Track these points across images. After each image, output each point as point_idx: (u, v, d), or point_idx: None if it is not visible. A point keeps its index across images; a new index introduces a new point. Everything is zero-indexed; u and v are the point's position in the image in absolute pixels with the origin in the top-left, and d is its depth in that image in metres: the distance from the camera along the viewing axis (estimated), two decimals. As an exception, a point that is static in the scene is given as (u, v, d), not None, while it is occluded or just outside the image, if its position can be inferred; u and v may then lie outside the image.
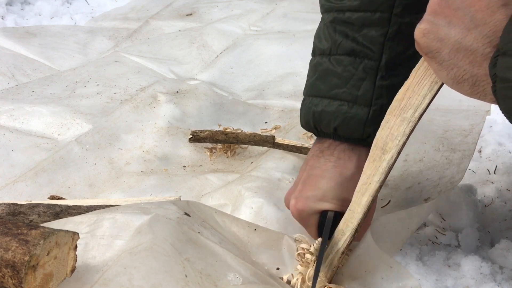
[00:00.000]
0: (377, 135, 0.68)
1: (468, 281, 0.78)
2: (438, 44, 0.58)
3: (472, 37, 0.54)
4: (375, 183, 0.68)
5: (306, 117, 0.80)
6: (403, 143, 0.66)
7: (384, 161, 0.67)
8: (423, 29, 0.59)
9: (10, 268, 0.55)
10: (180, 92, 1.27)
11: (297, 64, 1.44)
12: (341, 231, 0.70)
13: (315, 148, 0.79)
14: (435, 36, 0.58)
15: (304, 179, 0.77)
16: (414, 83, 0.65)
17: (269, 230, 0.77)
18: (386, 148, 0.67)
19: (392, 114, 0.67)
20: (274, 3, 1.78)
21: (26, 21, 1.83)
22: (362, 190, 0.68)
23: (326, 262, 0.70)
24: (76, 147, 1.06)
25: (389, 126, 0.67)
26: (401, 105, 0.66)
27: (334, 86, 0.76)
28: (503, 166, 1.07)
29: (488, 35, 0.53)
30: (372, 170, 0.68)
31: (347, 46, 0.75)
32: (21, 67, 1.40)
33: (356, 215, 0.69)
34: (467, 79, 0.56)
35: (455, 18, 0.56)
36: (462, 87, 0.58)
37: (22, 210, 0.77)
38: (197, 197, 0.94)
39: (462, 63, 0.56)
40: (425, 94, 0.65)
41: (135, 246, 0.62)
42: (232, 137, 1.07)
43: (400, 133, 0.66)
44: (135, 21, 1.76)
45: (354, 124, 0.75)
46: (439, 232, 0.90)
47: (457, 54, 0.56)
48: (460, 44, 0.55)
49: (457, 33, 0.56)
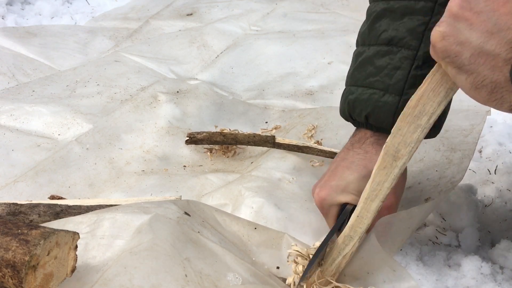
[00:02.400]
0: (388, 142, 0.67)
1: (468, 281, 0.78)
2: (457, 48, 0.56)
3: (495, 41, 0.53)
4: (385, 189, 0.68)
5: (342, 106, 0.82)
6: (415, 149, 0.66)
7: (396, 167, 0.67)
8: (442, 32, 0.57)
9: (10, 268, 0.55)
10: (180, 92, 1.27)
11: (297, 64, 1.44)
12: (348, 237, 0.70)
13: (348, 142, 0.81)
14: (454, 39, 0.56)
15: (332, 169, 0.79)
16: (428, 89, 0.64)
17: (269, 229, 0.77)
18: (398, 155, 0.67)
19: (405, 121, 0.66)
20: (275, 3, 1.78)
21: (27, 21, 1.83)
22: (371, 196, 0.68)
23: (332, 266, 0.70)
24: (76, 147, 1.06)
25: (402, 133, 0.66)
26: (414, 112, 0.65)
27: (369, 74, 0.77)
28: (503, 166, 1.07)
29: (511, 40, 0.52)
30: (383, 177, 0.68)
31: (386, 35, 0.76)
32: (21, 67, 1.40)
33: (365, 220, 0.69)
34: (486, 85, 0.56)
35: (477, 21, 0.54)
36: (480, 93, 0.57)
37: (22, 210, 0.77)
38: (197, 197, 0.94)
39: (482, 68, 0.55)
40: (440, 101, 0.64)
41: (135, 246, 0.62)
42: (230, 138, 1.06)
43: (413, 140, 0.66)
44: (135, 21, 1.76)
45: (384, 113, 0.75)
46: (439, 232, 0.90)
47: (478, 59, 0.55)
48: (481, 48, 0.54)
49: (478, 37, 0.54)
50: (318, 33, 1.56)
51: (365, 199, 0.69)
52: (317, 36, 1.54)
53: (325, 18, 1.66)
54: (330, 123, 1.14)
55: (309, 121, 1.15)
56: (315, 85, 1.36)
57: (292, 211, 0.87)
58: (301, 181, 0.96)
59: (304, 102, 1.29)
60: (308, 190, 0.93)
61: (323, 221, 0.82)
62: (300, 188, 0.94)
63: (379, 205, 0.68)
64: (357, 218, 0.69)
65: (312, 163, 1.02)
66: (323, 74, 1.39)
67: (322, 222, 0.84)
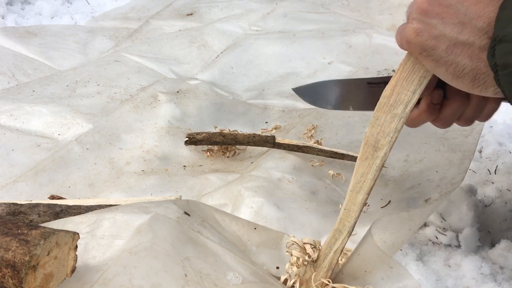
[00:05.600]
0: (367, 133, 0.67)
1: (468, 281, 0.78)
2: (433, 42, 0.58)
3: (468, 31, 0.55)
4: (369, 180, 0.67)
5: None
6: (395, 139, 0.66)
7: (377, 158, 0.67)
8: (415, 28, 0.58)
9: (10, 268, 0.55)
10: (180, 92, 1.27)
11: (297, 64, 1.44)
12: (337, 231, 0.70)
13: None
14: (429, 35, 0.58)
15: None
16: (401, 78, 0.65)
17: (269, 229, 0.77)
18: (378, 146, 0.67)
19: (382, 110, 0.66)
20: (275, 3, 1.78)
21: (27, 21, 1.83)
22: (356, 188, 0.68)
23: (325, 262, 0.70)
24: (76, 147, 1.06)
25: (379, 123, 0.66)
26: (390, 102, 0.66)
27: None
28: (503, 166, 1.07)
29: (483, 27, 0.54)
30: (365, 168, 0.67)
31: None
32: (21, 66, 1.40)
33: (352, 213, 0.69)
34: (467, 73, 0.56)
35: (448, 15, 0.56)
36: (463, 82, 0.58)
37: (22, 210, 0.77)
38: (197, 197, 0.94)
39: (460, 58, 0.56)
40: (414, 90, 0.64)
41: (135, 245, 0.62)
42: (230, 139, 1.06)
43: (391, 130, 0.66)
44: (136, 21, 1.76)
45: None
46: (439, 232, 0.90)
47: (454, 50, 0.56)
48: (456, 39, 0.56)
49: (452, 29, 0.56)
50: (318, 33, 1.56)
51: (350, 192, 0.69)
52: (317, 36, 1.54)
53: (325, 18, 1.66)
54: (330, 123, 1.14)
55: (309, 121, 1.15)
56: (315, 85, 1.36)
57: (292, 211, 0.87)
58: (301, 181, 0.96)
59: (304, 102, 1.29)
60: (308, 190, 0.93)
61: (323, 221, 0.82)
62: (300, 188, 0.94)
63: (365, 197, 0.68)
64: (344, 211, 0.69)
65: (312, 163, 1.02)
66: (323, 74, 1.39)
67: (322, 222, 0.84)
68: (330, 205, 0.91)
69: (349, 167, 1.02)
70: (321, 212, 0.88)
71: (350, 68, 1.41)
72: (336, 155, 1.01)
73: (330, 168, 1.00)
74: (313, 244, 0.70)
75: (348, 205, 0.69)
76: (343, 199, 0.95)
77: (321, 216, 0.87)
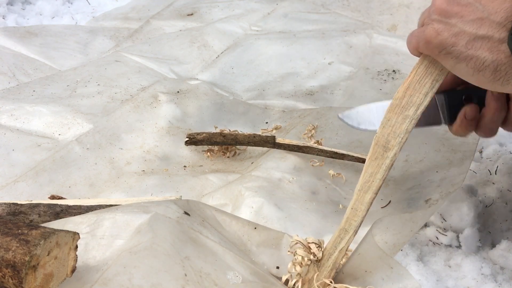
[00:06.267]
0: (378, 134, 0.69)
1: (469, 281, 0.78)
2: (453, 39, 0.59)
3: (486, 25, 0.57)
4: (378, 180, 0.68)
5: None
6: (405, 140, 0.68)
7: (387, 158, 0.68)
8: (436, 28, 0.60)
9: (10, 268, 0.55)
10: (180, 92, 1.27)
11: (298, 64, 1.44)
12: (343, 230, 0.70)
13: None
14: (449, 33, 0.60)
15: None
16: (414, 81, 0.67)
17: (269, 229, 0.77)
18: (389, 146, 0.68)
19: (393, 112, 0.68)
20: (275, 3, 1.78)
21: (27, 21, 1.83)
22: (364, 188, 0.69)
23: (329, 262, 0.70)
24: (77, 147, 1.06)
25: (391, 124, 0.68)
26: (402, 103, 0.67)
27: None
28: (504, 166, 1.07)
29: (500, 21, 0.56)
30: (375, 168, 0.68)
31: None
32: (22, 66, 1.40)
33: (359, 213, 0.69)
34: (488, 65, 0.58)
35: (466, 12, 0.58)
36: (484, 75, 0.59)
37: (23, 210, 0.77)
38: (197, 197, 0.94)
39: (480, 51, 0.58)
40: (426, 92, 0.66)
41: (135, 245, 0.62)
42: (230, 139, 1.06)
43: (402, 131, 0.67)
44: (136, 21, 1.76)
45: None
46: (440, 232, 0.90)
47: (474, 44, 0.58)
48: (476, 34, 0.58)
49: (471, 26, 0.58)
50: (319, 33, 1.56)
51: (358, 191, 0.69)
52: (318, 37, 1.54)
53: (325, 19, 1.66)
54: (330, 123, 1.14)
55: (309, 121, 1.15)
56: (316, 86, 1.36)
57: (292, 211, 0.87)
58: (301, 181, 0.96)
59: (304, 102, 1.29)
60: (308, 190, 0.93)
61: (323, 221, 0.82)
62: (300, 188, 0.94)
63: (373, 197, 0.69)
64: (351, 210, 0.70)
65: (312, 163, 1.02)
66: (324, 75, 1.40)
67: (322, 222, 0.84)
68: (330, 205, 0.91)
69: (349, 167, 1.02)
70: (321, 212, 0.88)
71: (351, 69, 1.41)
72: (336, 155, 1.01)
73: (330, 168, 1.00)
74: (317, 243, 0.70)
75: (355, 205, 0.69)
76: (343, 199, 0.95)
77: (321, 216, 0.87)
